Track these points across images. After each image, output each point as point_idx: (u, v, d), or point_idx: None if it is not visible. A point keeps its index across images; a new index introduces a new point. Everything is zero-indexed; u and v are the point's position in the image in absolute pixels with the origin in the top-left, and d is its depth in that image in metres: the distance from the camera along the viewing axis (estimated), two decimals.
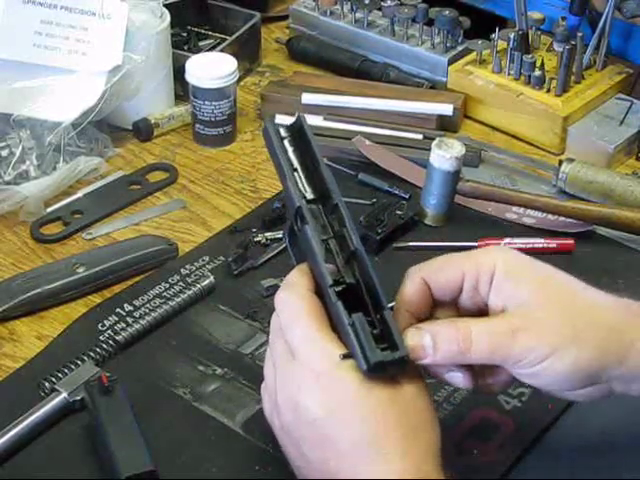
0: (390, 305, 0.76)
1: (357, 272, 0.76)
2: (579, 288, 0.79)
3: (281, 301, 0.78)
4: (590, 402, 0.79)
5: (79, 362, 0.94)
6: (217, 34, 1.45)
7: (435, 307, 0.80)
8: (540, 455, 0.88)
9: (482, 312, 0.79)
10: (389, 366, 0.72)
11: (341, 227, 0.77)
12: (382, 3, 1.40)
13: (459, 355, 0.75)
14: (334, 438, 0.72)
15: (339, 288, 0.75)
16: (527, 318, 0.76)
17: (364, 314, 0.73)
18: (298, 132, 0.82)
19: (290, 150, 0.81)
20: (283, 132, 0.82)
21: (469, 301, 0.79)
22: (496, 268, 0.77)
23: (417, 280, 0.79)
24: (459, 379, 0.78)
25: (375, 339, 0.72)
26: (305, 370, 0.74)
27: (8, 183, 1.17)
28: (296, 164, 0.80)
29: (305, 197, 0.79)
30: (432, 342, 0.75)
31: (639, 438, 0.89)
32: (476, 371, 0.79)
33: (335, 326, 0.76)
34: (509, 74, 1.31)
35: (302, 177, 0.80)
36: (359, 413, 0.72)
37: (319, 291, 0.77)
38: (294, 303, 0.77)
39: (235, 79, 1.26)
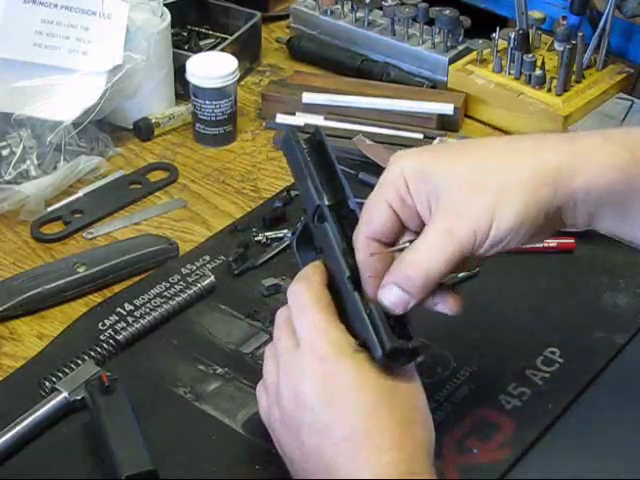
0: None
1: None
2: (487, 152, 0.78)
3: (292, 292, 0.80)
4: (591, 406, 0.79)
5: (79, 361, 0.94)
6: (217, 33, 1.45)
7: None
8: (541, 455, 0.88)
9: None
10: (403, 355, 0.74)
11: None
12: (383, 2, 1.40)
13: (429, 285, 0.76)
14: (331, 426, 0.73)
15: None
16: (452, 210, 0.75)
17: None
18: (317, 144, 0.84)
19: (309, 160, 0.83)
20: (303, 144, 0.84)
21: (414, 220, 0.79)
22: (407, 182, 0.77)
23: (363, 244, 0.78)
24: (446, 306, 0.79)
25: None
26: (310, 357, 0.75)
27: (9, 182, 1.17)
28: (314, 173, 0.82)
29: (323, 199, 0.81)
30: (402, 292, 0.76)
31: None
32: None
33: (346, 319, 0.77)
34: (510, 73, 1.31)
35: (319, 185, 0.82)
36: (356, 403, 0.73)
37: (331, 287, 0.79)
38: (304, 294, 0.78)
39: (235, 78, 1.26)
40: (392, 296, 0.76)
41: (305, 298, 0.78)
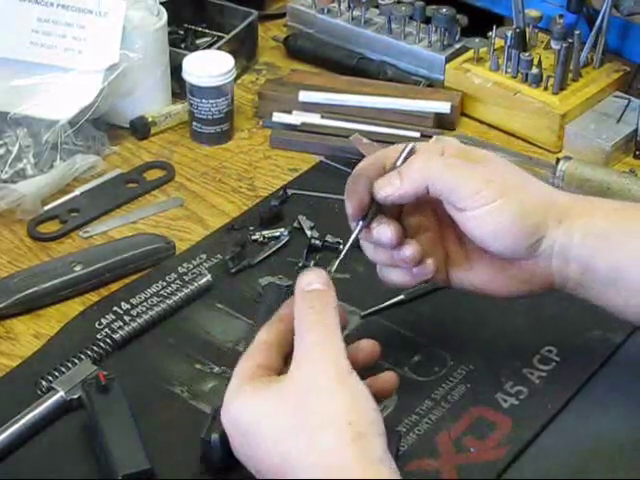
0: None
1: None
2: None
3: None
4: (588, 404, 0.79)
5: (76, 360, 0.94)
6: (214, 32, 1.45)
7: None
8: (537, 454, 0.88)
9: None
10: None
11: None
12: (379, 1, 1.40)
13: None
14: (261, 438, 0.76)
15: None
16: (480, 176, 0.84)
17: None
18: None
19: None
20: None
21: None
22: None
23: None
24: (395, 276, 0.87)
25: None
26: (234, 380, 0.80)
27: (5, 181, 1.17)
28: None
29: None
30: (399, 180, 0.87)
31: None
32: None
33: None
34: (506, 72, 1.31)
35: None
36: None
37: None
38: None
39: (232, 77, 1.26)
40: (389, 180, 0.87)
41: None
